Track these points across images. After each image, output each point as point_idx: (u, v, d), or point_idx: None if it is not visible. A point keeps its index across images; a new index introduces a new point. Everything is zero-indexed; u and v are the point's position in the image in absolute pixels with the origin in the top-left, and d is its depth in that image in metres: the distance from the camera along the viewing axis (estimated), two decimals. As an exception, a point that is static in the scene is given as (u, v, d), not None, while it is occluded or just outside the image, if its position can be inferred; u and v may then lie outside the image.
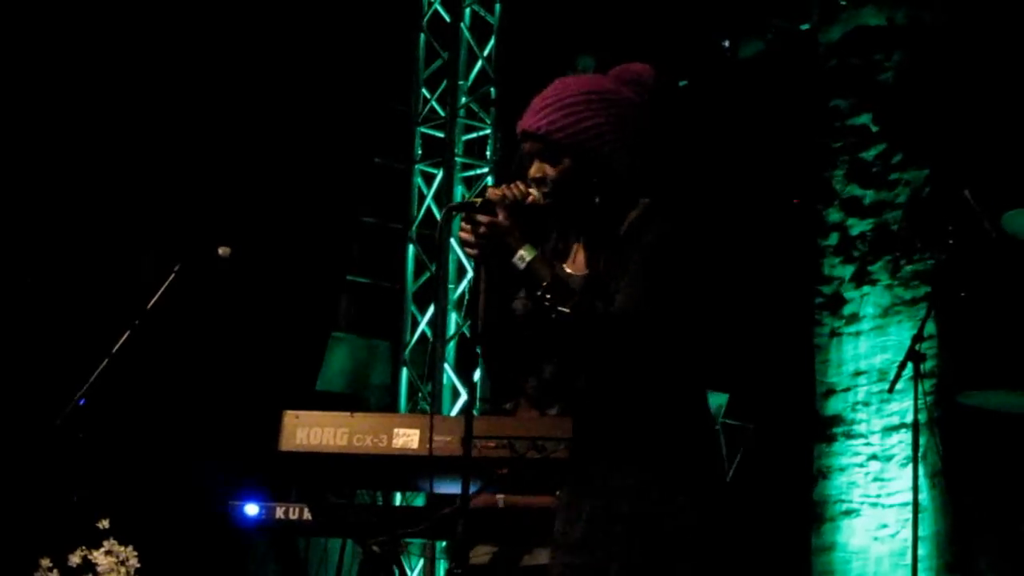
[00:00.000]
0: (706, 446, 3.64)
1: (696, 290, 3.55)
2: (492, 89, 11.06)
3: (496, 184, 3.85)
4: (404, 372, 11.02)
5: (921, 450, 7.50)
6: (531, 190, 3.60)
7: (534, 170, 3.61)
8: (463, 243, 3.59)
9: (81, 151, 9.24)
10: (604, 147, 3.58)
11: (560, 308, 3.43)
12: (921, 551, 7.58)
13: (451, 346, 10.81)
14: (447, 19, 11.30)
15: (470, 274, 10.72)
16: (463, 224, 3.56)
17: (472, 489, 5.98)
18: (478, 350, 3.67)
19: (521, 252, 3.49)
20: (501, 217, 3.50)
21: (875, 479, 9.21)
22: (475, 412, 10.08)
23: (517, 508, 6.08)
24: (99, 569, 4.69)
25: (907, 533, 8.29)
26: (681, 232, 3.54)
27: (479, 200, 3.56)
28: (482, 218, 3.51)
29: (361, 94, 10.75)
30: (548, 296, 3.45)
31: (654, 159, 3.67)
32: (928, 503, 8.76)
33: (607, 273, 3.57)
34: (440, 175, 11.13)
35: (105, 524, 4.75)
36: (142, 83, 9.41)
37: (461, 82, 11.18)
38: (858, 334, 9.47)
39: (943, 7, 9.33)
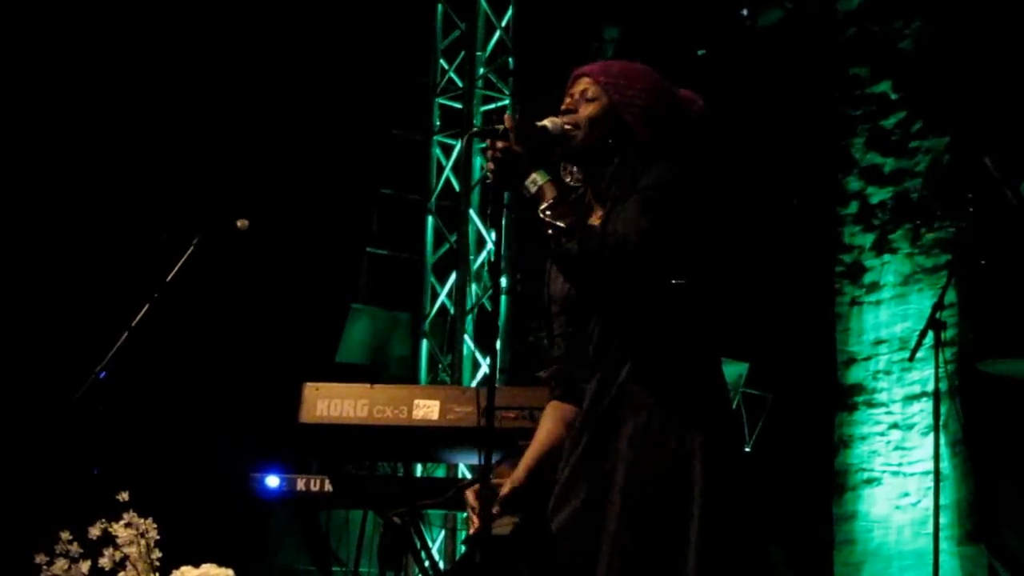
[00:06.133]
0: (712, 379, 3.74)
1: (692, 221, 3.67)
2: (510, 60, 10.99)
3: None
4: (424, 344, 11.00)
5: (942, 419, 7.48)
6: (557, 119, 3.79)
7: (569, 102, 3.83)
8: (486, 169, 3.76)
9: (102, 123, 9.25)
10: (631, 111, 3.77)
11: (557, 224, 3.57)
12: (942, 520, 7.57)
13: (471, 317, 10.79)
14: (465, -11, 11.27)
15: (489, 245, 10.70)
16: (483, 150, 3.74)
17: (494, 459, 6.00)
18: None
19: (534, 176, 3.64)
20: (513, 141, 3.66)
21: (896, 448, 9.20)
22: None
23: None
24: (119, 541, 4.69)
25: (928, 502, 8.30)
26: (676, 170, 3.68)
27: (500, 127, 3.70)
28: (499, 143, 3.66)
29: (379, 65, 10.72)
30: (548, 212, 3.59)
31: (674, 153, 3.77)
32: (949, 472, 8.75)
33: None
34: (459, 146, 11.10)
35: (125, 497, 4.74)
36: (163, 55, 9.41)
37: (479, 53, 11.11)
38: (879, 303, 9.46)
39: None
